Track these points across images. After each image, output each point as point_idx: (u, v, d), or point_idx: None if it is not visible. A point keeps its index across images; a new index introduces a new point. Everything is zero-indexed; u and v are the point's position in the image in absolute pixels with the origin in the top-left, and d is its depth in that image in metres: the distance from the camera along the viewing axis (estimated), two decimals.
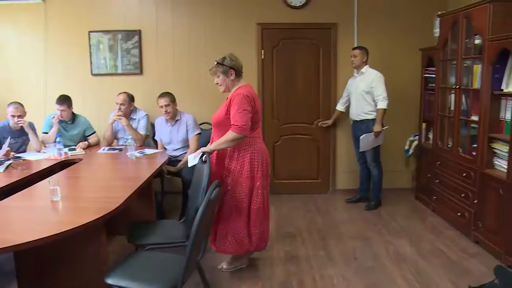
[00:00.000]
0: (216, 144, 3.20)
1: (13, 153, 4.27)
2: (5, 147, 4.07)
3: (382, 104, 4.70)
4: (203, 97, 5.43)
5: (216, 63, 3.24)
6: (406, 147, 5.50)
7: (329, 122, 5.45)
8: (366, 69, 4.85)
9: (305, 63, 5.45)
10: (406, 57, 5.42)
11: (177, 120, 4.69)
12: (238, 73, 3.26)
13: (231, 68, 3.22)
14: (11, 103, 4.50)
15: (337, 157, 5.68)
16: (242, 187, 3.26)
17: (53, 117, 4.72)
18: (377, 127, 4.74)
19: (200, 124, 4.90)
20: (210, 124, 5.18)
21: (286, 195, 5.58)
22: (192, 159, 3.22)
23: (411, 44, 5.32)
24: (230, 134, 3.12)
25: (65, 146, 4.53)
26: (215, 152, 3.27)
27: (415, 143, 5.35)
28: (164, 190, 4.99)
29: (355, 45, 5.24)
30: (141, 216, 3.62)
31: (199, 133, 4.71)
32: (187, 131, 4.67)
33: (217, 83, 3.29)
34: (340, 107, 5.30)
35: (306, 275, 3.45)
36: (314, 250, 3.91)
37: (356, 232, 4.35)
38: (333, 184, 5.72)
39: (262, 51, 5.41)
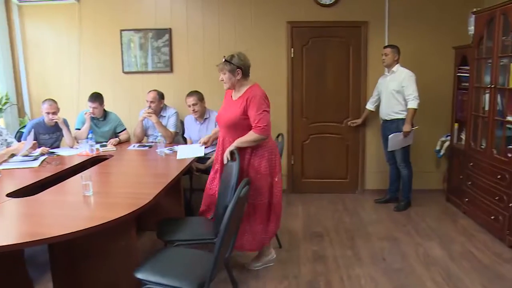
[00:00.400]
0: (239, 142, 3.19)
1: (47, 148, 4.39)
2: (31, 141, 4.16)
3: (413, 104, 4.61)
4: None
5: (224, 60, 3.21)
6: (437, 148, 5.39)
7: (359, 121, 5.38)
8: (397, 68, 4.77)
9: (335, 61, 5.40)
10: (438, 55, 5.29)
11: (205, 118, 4.72)
12: (245, 73, 3.25)
13: (238, 67, 3.19)
14: (45, 100, 4.63)
15: (366, 156, 5.60)
16: (262, 184, 3.26)
17: (86, 113, 4.82)
18: (406, 127, 4.65)
19: None
20: None
21: (314, 194, 5.55)
22: (185, 150, 3.23)
23: (444, 42, 5.20)
24: (253, 135, 3.14)
25: (97, 142, 4.63)
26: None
27: (447, 143, 5.24)
28: (193, 187, 5.03)
29: (386, 44, 5.16)
30: (170, 213, 3.66)
31: None
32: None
33: (222, 80, 3.27)
34: (370, 106, 5.23)
35: (334, 275, 3.42)
36: (342, 250, 3.88)
37: (384, 232, 4.29)
38: (361, 184, 5.65)
39: (292, 49, 5.39)
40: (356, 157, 5.59)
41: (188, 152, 3.52)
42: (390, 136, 4.72)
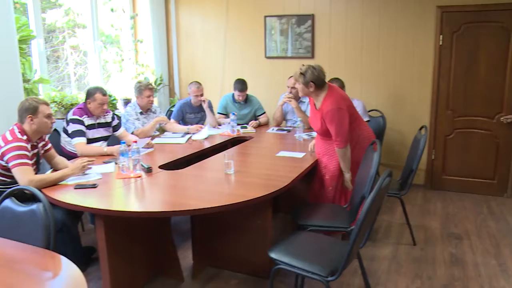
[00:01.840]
0: (343, 167, 3.44)
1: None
2: (206, 132, 4.52)
3: None
4: (373, 83, 5.27)
5: (299, 72, 3.38)
6: None
7: None
8: None
9: (490, 49, 4.86)
10: None
11: None
12: (319, 86, 3.37)
13: (311, 81, 3.32)
14: (193, 82, 4.96)
15: None
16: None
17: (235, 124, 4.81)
18: None
19: (369, 111, 4.76)
20: (379, 112, 5.03)
21: (455, 193, 5.15)
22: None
23: None
24: (338, 153, 3.38)
25: (237, 124, 4.84)
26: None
27: None
28: None
29: None
30: (304, 198, 3.69)
31: (368, 120, 4.59)
32: None
33: (295, 88, 3.55)
34: None
35: (473, 283, 3.14)
36: (485, 257, 3.54)
37: None
38: None
39: (441, 36, 5.00)
40: (507, 157, 5.02)
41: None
42: None
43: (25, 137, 2.92)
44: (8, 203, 2.21)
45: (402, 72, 5.18)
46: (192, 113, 5.01)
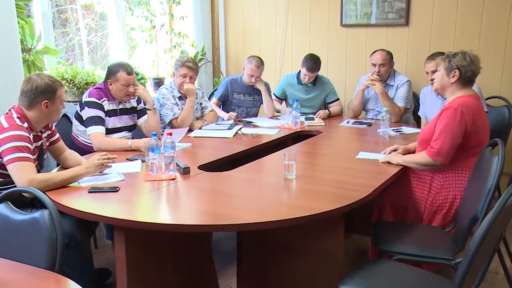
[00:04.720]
0: (405, 160, 3.36)
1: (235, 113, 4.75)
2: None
3: None
4: (496, 60, 5.03)
5: (445, 55, 3.31)
6: None
7: None
8: None
9: None
10: None
11: None
12: (464, 80, 3.26)
13: (457, 68, 3.21)
14: (254, 57, 4.92)
15: None
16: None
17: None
18: None
19: (487, 99, 4.54)
20: (504, 100, 4.77)
21: None
22: None
23: None
24: (423, 157, 3.25)
25: (301, 113, 4.78)
26: None
27: None
28: None
29: None
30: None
31: (485, 112, 4.39)
32: None
33: (432, 79, 3.52)
34: None
35: None
36: None
37: None
38: None
39: None
40: None
41: None
42: None
43: (26, 125, 2.94)
44: (3, 209, 2.24)
45: None
46: (242, 93, 5.01)
